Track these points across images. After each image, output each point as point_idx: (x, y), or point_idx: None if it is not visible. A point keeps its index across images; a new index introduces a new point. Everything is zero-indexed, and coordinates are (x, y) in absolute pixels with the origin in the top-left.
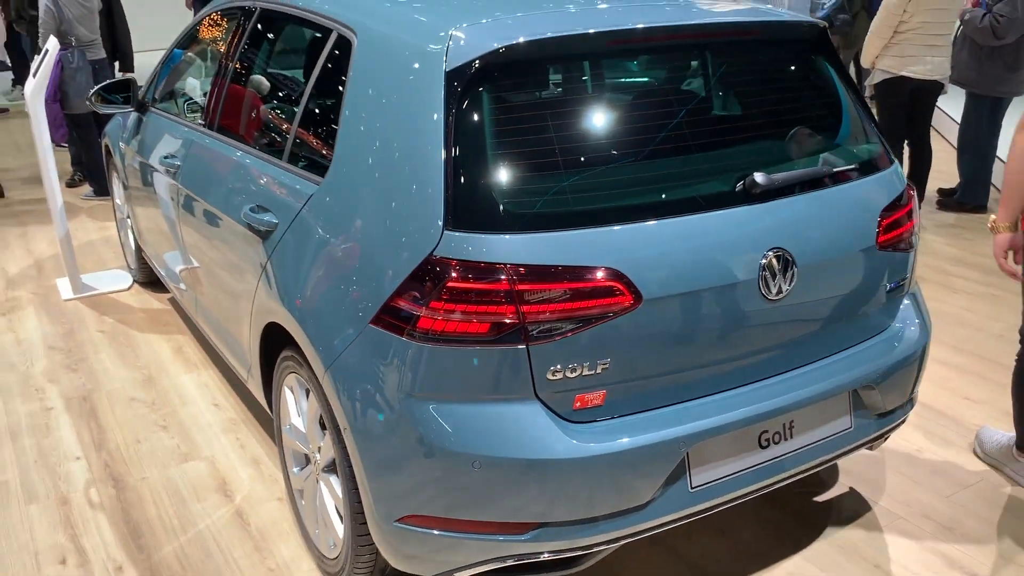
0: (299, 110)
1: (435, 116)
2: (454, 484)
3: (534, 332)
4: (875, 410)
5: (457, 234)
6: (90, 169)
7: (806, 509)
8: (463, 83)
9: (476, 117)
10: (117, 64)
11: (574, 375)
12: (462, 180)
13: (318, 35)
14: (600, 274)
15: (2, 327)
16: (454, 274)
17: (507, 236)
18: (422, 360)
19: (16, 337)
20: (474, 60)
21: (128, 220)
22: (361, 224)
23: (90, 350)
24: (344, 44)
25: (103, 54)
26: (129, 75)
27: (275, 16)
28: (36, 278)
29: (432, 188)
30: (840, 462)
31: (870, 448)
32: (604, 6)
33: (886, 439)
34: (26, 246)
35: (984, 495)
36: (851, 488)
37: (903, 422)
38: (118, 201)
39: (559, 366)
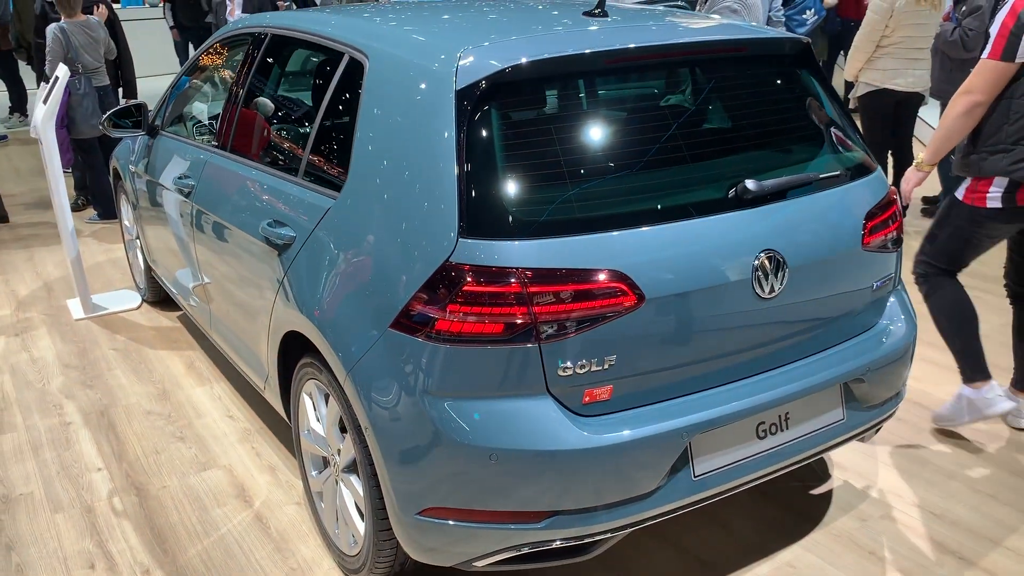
0: (314, 130)
1: (446, 133)
2: (472, 476)
3: (545, 331)
4: (865, 402)
5: (471, 241)
6: (95, 192)
7: (803, 502)
8: (472, 102)
9: (485, 133)
10: (121, 90)
11: (583, 371)
12: (474, 191)
13: (331, 59)
14: (605, 276)
15: (16, 347)
16: (469, 279)
17: (517, 242)
18: (440, 360)
19: (31, 356)
20: (481, 80)
21: (137, 241)
22: (378, 234)
23: (104, 367)
24: (356, 67)
25: (107, 81)
26: (138, 100)
27: (288, 42)
28: (46, 299)
29: (446, 199)
30: (834, 457)
31: (861, 439)
32: (600, 27)
33: (877, 430)
34: (34, 269)
35: (971, 484)
36: (845, 481)
37: (893, 414)
38: (126, 223)
39: (569, 363)
